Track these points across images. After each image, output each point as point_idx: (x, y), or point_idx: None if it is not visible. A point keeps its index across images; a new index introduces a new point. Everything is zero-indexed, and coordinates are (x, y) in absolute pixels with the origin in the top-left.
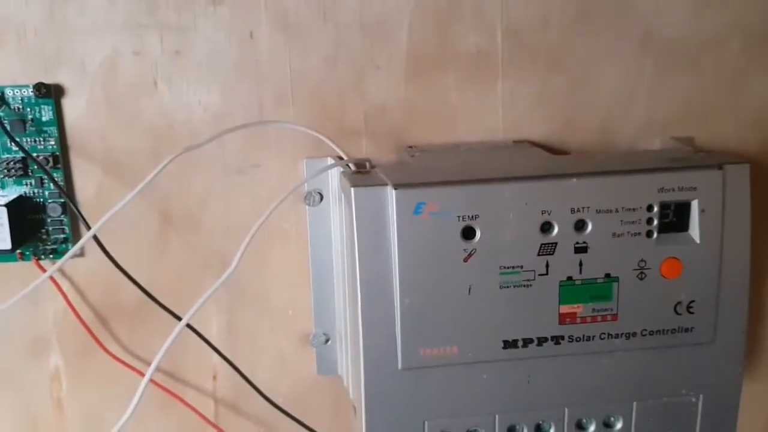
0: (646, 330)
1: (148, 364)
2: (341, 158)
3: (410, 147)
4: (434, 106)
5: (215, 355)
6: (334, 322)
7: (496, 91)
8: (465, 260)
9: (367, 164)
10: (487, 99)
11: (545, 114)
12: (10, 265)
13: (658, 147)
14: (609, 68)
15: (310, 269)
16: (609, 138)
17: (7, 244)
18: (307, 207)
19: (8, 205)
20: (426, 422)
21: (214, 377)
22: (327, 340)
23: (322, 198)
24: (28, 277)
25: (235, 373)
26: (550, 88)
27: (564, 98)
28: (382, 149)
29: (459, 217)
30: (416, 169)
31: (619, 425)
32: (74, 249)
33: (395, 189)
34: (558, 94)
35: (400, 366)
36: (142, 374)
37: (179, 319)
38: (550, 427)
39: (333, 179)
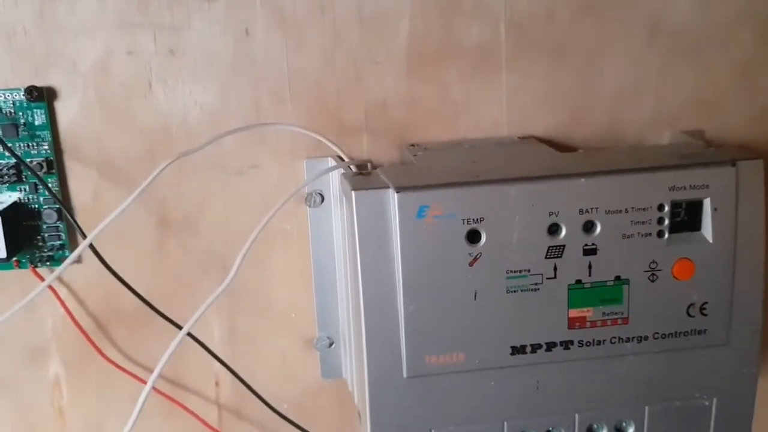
0: (658, 333)
1: (149, 370)
2: (341, 159)
3: (412, 145)
4: (436, 101)
5: (217, 362)
6: (337, 325)
7: (500, 85)
8: (470, 264)
9: (369, 165)
10: (490, 94)
11: (551, 108)
12: (7, 272)
13: (668, 141)
14: (616, 61)
15: (312, 271)
16: (617, 132)
17: (2, 253)
18: (308, 208)
19: (2, 213)
20: (432, 430)
21: (217, 383)
22: (331, 344)
23: (323, 199)
24: (25, 284)
25: (237, 379)
26: (555, 82)
27: (570, 92)
28: (384, 147)
29: (464, 220)
30: (419, 170)
31: (630, 430)
32: (71, 258)
33: (397, 192)
34: (564, 88)
35: (405, 374)
36: (143, 381)
37: (180, 327)
38: None
39: (334, 179)
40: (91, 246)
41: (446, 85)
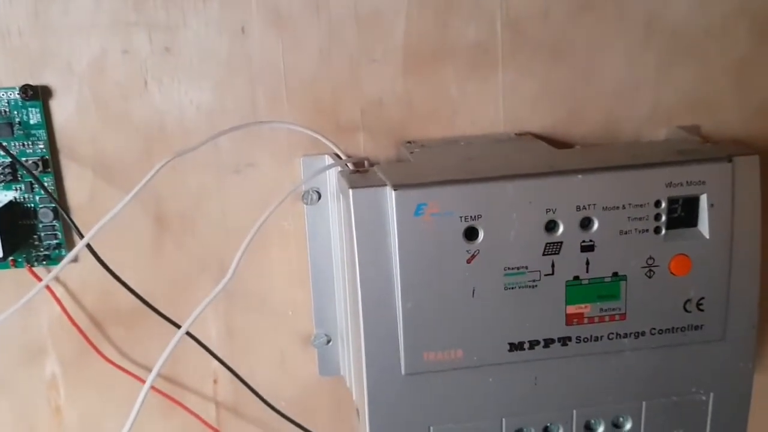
0: (655, 329)
1: (146, 368)
2: (338, 156)
3: (409, 142)
4: (433, 99)
5: (214, 360)
6: (335, 323)
7: (496, 83)
8: (468, 261)
9: (366, 163)
10: (487, 91)
11: (547, 106)
12: (3, 272)
13: (664, 137)
14: (613, 57)
15: (309, 269)
16: (613, 129)
17: None
18: (305, 206)
19: None
20: (431, 427)
21: (215, 381)
22: (328, 341)
23: (320, 196)
24: (22, 283)
25: (235, 377)
26: (552, 79)
27: (567, 89)
28: (380, 145)
29: (461, 217)
30: (416, 168)
31: (628, 425)
32: (68, 258)
33: (395, 190)
34: (560, 85)
35: (403, 371)
36: (140, 379)
37: (178, 326)
38: (558, 429)
39: (331, 177)
40: (88, 246)
41: (443, 84)
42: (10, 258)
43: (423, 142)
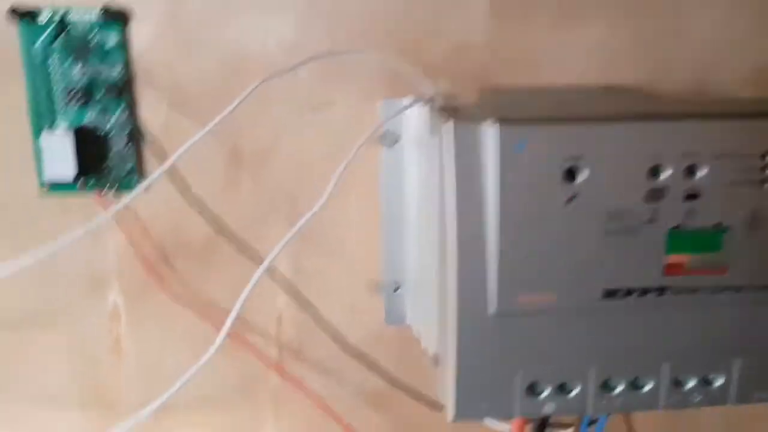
0: (755, 285)
1: (210, 305)
2: (424, 95)
3: (493, 90)
4: (520, 47)
5: (280, 298)
6: (404, 270)
7: (586, 34)
8: (567, 203)
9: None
10: (576, 42)
11: (636, 61)
12: (72, 199)
13: None
14: (707, 12)
15: (381, 213)
16: (704, 88)
17: (72, 171)
18: (382, 148)
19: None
20: (518, 372)
21: (279, 321)
22: (396, 289)
23: (397, 139)
24: (90, 209)
25: (301, 318)
26: (642, 33)
27: (657, 44)
28: (463, 89)
29: (562, 157)
30: (511, 108)
31: (718, 382)
32: (143, 186)
33: (497, 124)
34: (651, 40)
35: (493, 312)
36: (205, 317)
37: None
38: (647, 383)
39: (410, 120)
40: (167, 173)
41: (530, 31)
42: (80, 181)
43: (509, 90)
